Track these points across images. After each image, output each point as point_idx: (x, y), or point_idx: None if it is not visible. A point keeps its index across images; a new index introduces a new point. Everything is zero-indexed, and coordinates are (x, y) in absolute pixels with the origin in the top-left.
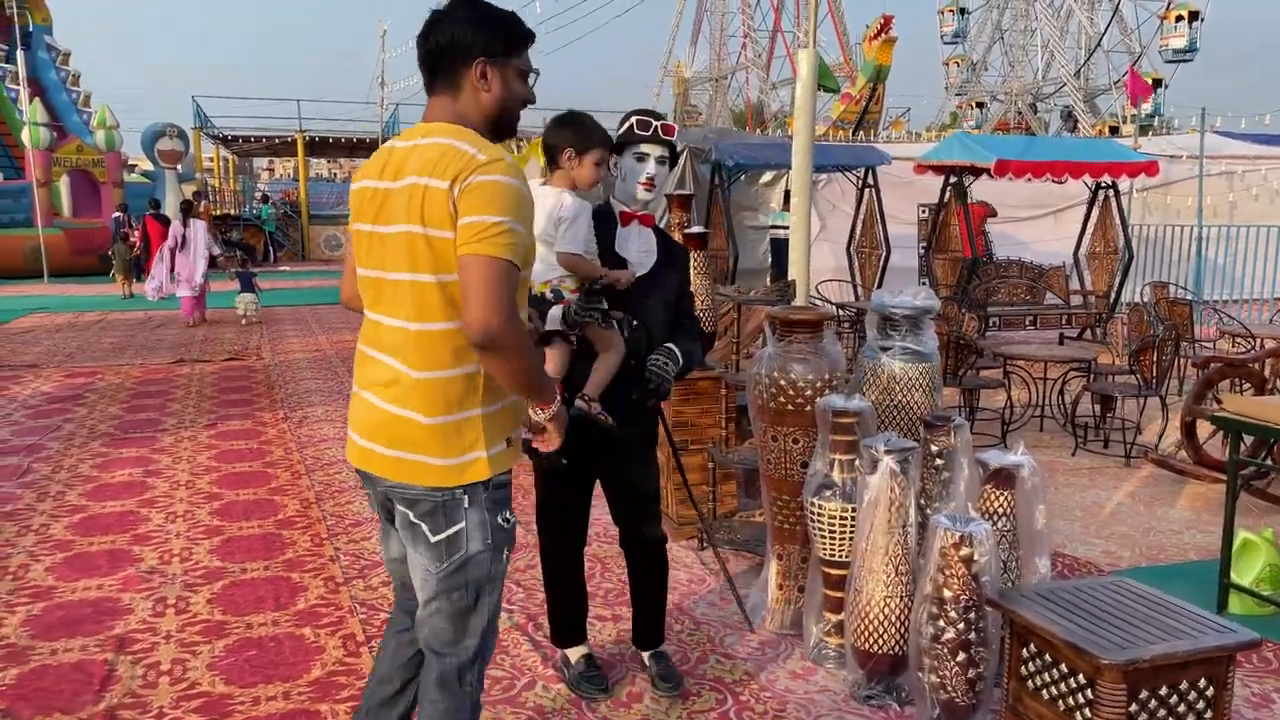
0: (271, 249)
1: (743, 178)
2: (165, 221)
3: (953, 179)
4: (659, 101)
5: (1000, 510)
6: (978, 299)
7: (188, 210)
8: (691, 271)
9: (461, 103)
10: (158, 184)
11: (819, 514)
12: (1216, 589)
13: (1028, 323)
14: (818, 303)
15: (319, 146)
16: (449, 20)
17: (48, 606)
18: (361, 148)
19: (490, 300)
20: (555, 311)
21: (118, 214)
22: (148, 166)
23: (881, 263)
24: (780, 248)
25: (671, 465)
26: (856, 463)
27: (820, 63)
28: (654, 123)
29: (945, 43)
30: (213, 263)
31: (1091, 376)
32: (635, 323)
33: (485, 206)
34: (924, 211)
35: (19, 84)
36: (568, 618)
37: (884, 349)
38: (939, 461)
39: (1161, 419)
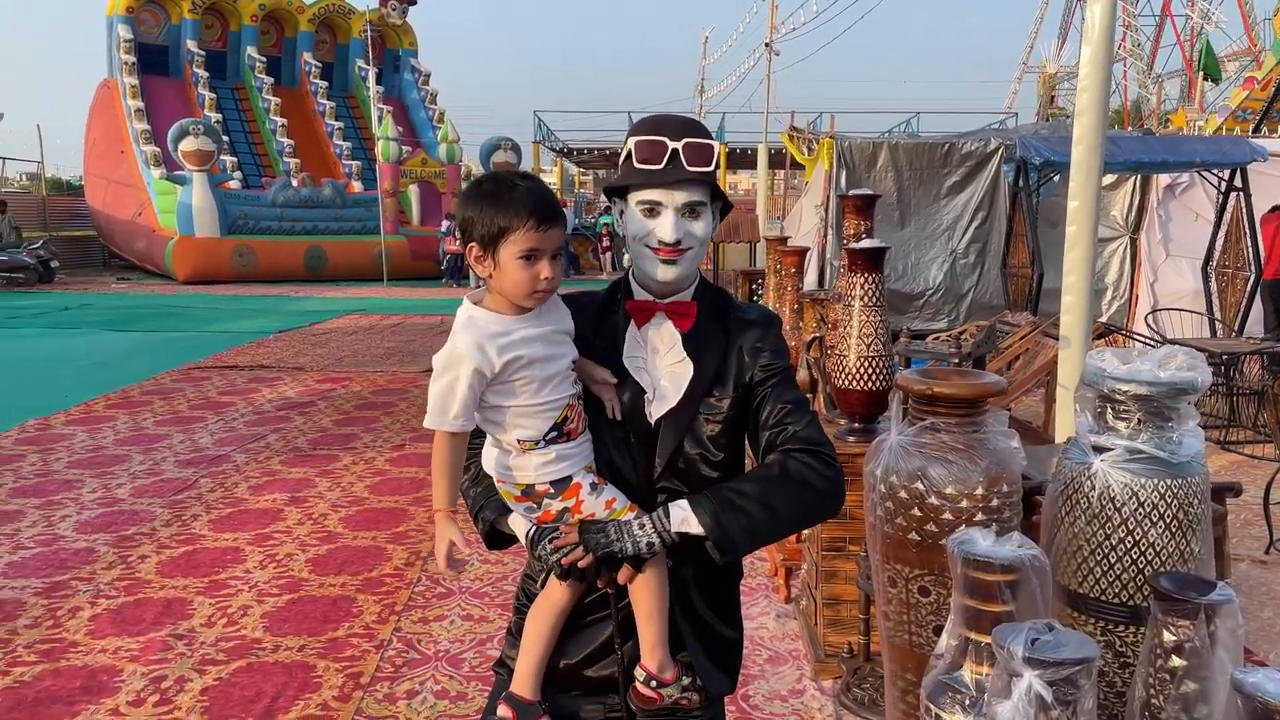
0: (604, 255)
1: (1055, 179)
2: None
3: None
4: (1015, 101)
5: None
6: None
7: None
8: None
9: None
10: None
11: None
12: None
13: None
14: (1142, 342)
15: None
16: None
17: (41, 672)
18: None
19: None
20: (516, 523)
21: (447, 222)
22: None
23: (1248, 287)
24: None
25: (821, 572)
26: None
27: (1205, 45)
28: (670, 144)
29: None
30: None
31: None
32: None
33: None
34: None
35: (375, 103)
36: None
37: (1099, 449)
38: (1175, 663)
39: None
